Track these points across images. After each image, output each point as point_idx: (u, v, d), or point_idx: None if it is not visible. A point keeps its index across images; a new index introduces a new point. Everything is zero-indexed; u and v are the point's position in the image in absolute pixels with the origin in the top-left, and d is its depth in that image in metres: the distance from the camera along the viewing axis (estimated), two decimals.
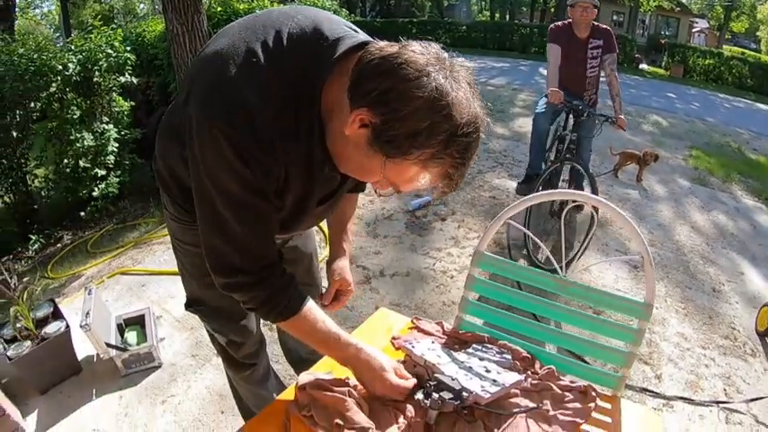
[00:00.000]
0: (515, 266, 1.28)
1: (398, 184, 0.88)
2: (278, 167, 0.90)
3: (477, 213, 3.97)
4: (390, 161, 0.82)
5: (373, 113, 0.79)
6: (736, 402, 2.30)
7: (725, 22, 27.30)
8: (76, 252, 3.69)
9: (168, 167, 1.11)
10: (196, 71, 0.94)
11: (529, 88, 9.51)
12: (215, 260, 0.98)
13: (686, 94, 11.99)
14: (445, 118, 0.77)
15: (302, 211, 1.05)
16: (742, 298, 3.20)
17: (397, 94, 0.76)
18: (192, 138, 0.87)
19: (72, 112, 3.95)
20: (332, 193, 1.10)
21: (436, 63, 0.79)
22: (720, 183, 5.39)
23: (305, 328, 1.05)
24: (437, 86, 0.76)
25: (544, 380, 1.15)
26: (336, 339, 1.06)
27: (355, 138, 0.83)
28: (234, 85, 0.84)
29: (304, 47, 0.88)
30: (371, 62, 0.80)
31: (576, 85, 3.60)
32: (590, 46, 3.49)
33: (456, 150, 0.80)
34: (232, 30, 0.94)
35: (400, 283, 3.01)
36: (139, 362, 2.31)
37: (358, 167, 0.92)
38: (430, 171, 0.84)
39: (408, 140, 0.78)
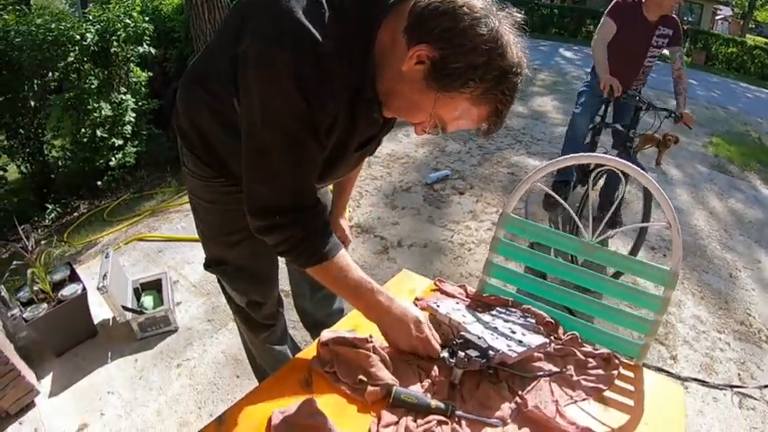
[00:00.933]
0: (541, 229, 1.26)
1: (446, 122, 0.92)
2: (332, 103, 0.92)
3: (496, 189, 3.95)
4: (444, 95, 0.87)
5: (433, 48, 0.83)
6: (750, 388, 2.29)
7: (749, 11, 26.60)
8: (93, 220, 3.72)
9: (190, 119, 1.11)
10: (248, 10, 0.92)
11: (548, 69, 9.37)
12: (254, 200, 0.98)
13: (708, 81, 11.75)
14: (500, 56, 0.83)
15: (341, 156, 1.06)
16: (759, 285, 3.16)
17: (458, 32, 0.82)
18: (248, 72, 0.87)
19: (90, 82, 3.95)
20: (370, 138, 1.11)
21: (491, 10, 0.84)
22: (739, 171, 5.30)
23: (337, 275, 1.03)
24: (494, 27, 0.83)
25: (567, 345, 1.14)
26: (368, 287, 1.05)
27: (411, 73, 0.87)
28: (297, 20, 0.85)
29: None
30: (430, 5, 0.84)
31: (628, 72, 3.11)
32: (657, 33, 3.00)
33: (507, 87, 0.87)
34: None
35: (418, 254, 3.02)
36: (155, 325, 2.32)
37: (408, 105, 0.94)
38: (479, 107, 0.89)
39: (467, 73, 0.83)
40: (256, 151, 0.94)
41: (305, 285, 1.69)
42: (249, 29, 0.89)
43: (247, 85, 0.89)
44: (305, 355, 1.11)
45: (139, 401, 2.01)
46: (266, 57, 0.85)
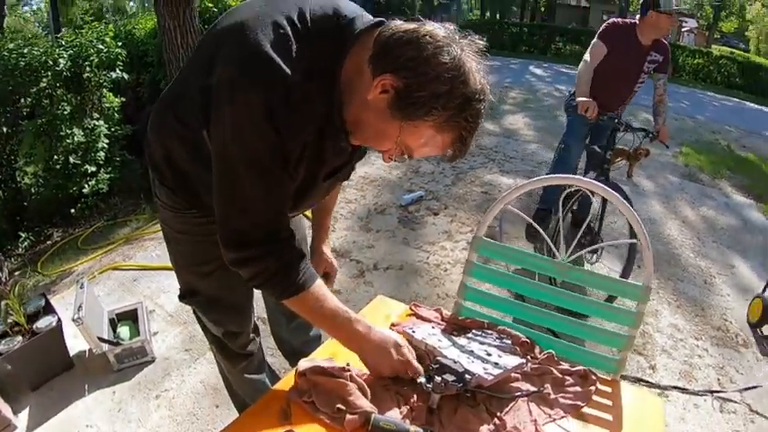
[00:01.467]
0: (514, 251, 1.27)
1: (412, 149, 0.95)
2: (301, 135, 0.94)
3: (470, 208, 3.97)
4: (408, 124, 0.89)
5: (397, 78, 0.85)
6: (730, 392, 2.33)
7: (714, 22, 27.61)
8: (67, 249, 3.65)
9: (163, 149, 1.11)
10: (220, 41, 0.95)
11: (519, 86, 9.56)
12: (227, 232, 0.98)
13: (676, 92, 12.06)
14: (463, 83, 0.86)
15: (311, 184, 1.07)
16: (733, 290, 3.23)
17: (421, 61, 0.84)
18: (221, 103, 0.89)
19: (62, 108, 3.90)
20: (339, 167, 1.12)
21: (453, 38, 0.87)
22: (710, 179, 5.44)
23: (313, 306, 1.04)
24: (456, 56, 0.85)
25: (544, 364, 1.15)
26: (346, 316, 1.05)
27: (376, 102, 0.89)
28: (266, 52, 0.87)
29: (325, 22, 0.93)
30: (394, 35, 0.87)
31: (616, 96, 3.06)
32: (649, 58, 2.94)
33: (470, 114, 0.88)
34: (252, 4, 0.97)
35: (394, 277, 3.01)
36: (132, 356, 2.28)
37: (374, 133, 0.96)
38: (443, 134, 0.90)
39: (429, 102, 0.85)
40: (228, 183, 0.95)
41: (281, 313, 1.68)
42: (220, 61, 0.91)
43: (219, 117, 0.91)
44: (283, 384, 1.10)
45: None
46: (237, 90, 0.87)
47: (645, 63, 2.95)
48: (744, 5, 33.86)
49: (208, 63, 0.93)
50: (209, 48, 0.97)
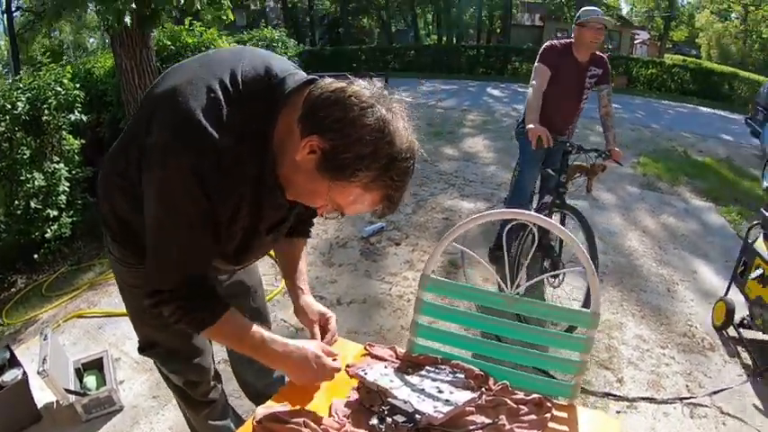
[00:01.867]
0: (463, 287, 1.31)
1: (343, 207, 0.97)
2: (233, 196, 0.97)
3: (431, 236, 4.00)
4: (336, 184, 0.91)
5: (323, 139, 0.87)
6: (700, 397, 2.37)
7: (665, 32, 28.73)
8: (31, 296, 3.57)
9: (111, 207, 1.13)
10: (154, 105, 0.98)
11: (478, 108, 9.80)
12: (150, 282, 1.02)
13: (631, 103, 12.46)
14: (387, 144, 0.87)
15: (252, 240, 1.09)
16: (697, 295, 3.31)
17: (346, 123, 0.86)
18: (152, 166, 0.92)
19: (22, 152, 3.84)
20: (280, 221, 1.14)
21: (379, 97, 0.89)
22: (669, 186, 5.60)
23: (231, 335, 1.09)
24: (381, 117, 0.86)
25: (499, 395, 1.17)
26: (263, 340, 1.09)
27: (305, 163, 0.90)
28: (197, 118, 0.89)
29: (257, 84, 0.96)
30: (322, 95, 0.89)
31: (564, 116, 3.11)
32: (588, 74, 3.00)
33: (396, 174, 0.90)
34: (188, 67, 1.01)
35: (357, 311, 3.01)
36: (100, 406, 2.24)
37: (305, 192, 0.98)
38: (371, 194, 0.92)
39: (354, 164, 0.87)
40: (156, 243, 0.99)
41: (243, 357, 1.67)
42: (152, 127, 0.93)
43: (150, 180, 0.94)
44: (246, 429, 1.10)
45: None
46: (169, 155, 0.90)
47: (586, 79, 3.01)
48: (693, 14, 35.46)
49: (144, 127, 0.96)
50: (146, 110, 1.00)
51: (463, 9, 26.74)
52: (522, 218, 1.24)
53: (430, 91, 13.07)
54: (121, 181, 1.06)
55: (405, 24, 33.96)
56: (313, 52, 21.16)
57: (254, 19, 22.05)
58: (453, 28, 26.64)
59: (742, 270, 2.83)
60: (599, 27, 2.85)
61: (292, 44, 6.44)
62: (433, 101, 11.07)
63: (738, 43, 32.72)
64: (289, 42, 6.33)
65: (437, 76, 17.74)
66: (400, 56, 21.67)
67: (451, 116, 9.13)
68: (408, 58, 21.34)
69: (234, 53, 1.02)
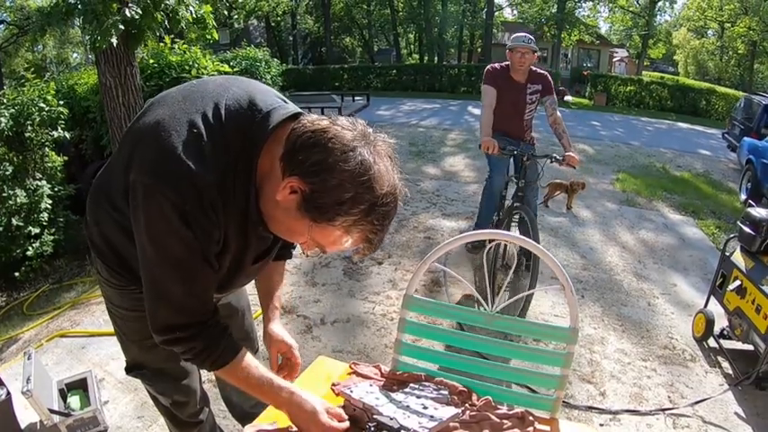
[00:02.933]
0: (445, 306, 1.34)
1: (324, 245, 0.97)
2: (218, 231, 0.96)
3: (413, 254, 4.02)
4: (316, 225, 0.90)
5: (303, 182, 0.86)
6: (682, 407, 2.41)
7: (643, 50, 29.39)
8: (12, 314, 3.52)
9: (100, 232, 1.13)
10: (137, 139, 0.97)
11: (459, 127, 9.89)
12: (155, 321, 1.01)
13: (610, 121, 12.72)
14: (367, 190, 0.86)
15: (238, 270, 1.10)
16: (677, 308, 3.38)
17: (326, 167, 0.85)
18: (137, 204, 0.91)
19: (4, 168, 3.82)
20: (265, 251, 1.15)
21: (362, 139, 0.88)
22: (647, 202, 5.71)
23: (239, 375, 1.07)
24: (362, 161, 0.85)
25: (482, 410, 1.19)
26: (270, 384, 1.08)
27: (286, 202, 0.90)
28: (178, 155, 0.89)
29: (240, 118, 0.95)
30: (303, 135, 0.88)
31: (515, 128, 3.51)
32: (528, 90, 3.40)
33: (376, 218, 0.89)
34: (171, 99, 1.00)
35: (341, 330, 3.00)
36: (84, 427, 2.20)
37: (286, 229, 0.99)
38: (352, 235, 0.92)
39: (334, 208, 0.86)
40: (151, 280, 0.98)
41: None
42: (134, 162, 0.93)
43: (136, 218, 0.93)
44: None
45: None
46: (150, 194, 0.89)
47: (526, 95, 3.40)
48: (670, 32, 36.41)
49: (127, 159, 0.96)
50: (129, 144, 1.00)
51: (445, 29, 27.13)
52: (502, 238, 1.28)
53: (412, 110, 13.18)
54: (116, 214, 1.06)
55: (387, 44, 34.38)
56: (296, 71, 21.30)
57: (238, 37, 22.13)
58: (435, 47, 26.99)
59: (721, 282, 2.91)
60: (524, 51, 3.26)
61: (275, 63, 6.46)
62: (415, 120, 11.18)
63: (715, 59, 33.61)
64: (272, 62, 6.35)
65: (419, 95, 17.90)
66: (382, 75, 21.96)
67: (433, 135, 9.26)
68: (390, 77, 21.62)
69: (218, 85, 1.01)
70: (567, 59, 28.98)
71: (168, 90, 1.07)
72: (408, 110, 13.36)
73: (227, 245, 1.00)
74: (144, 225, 0.92)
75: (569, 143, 3.28)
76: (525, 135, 3.60)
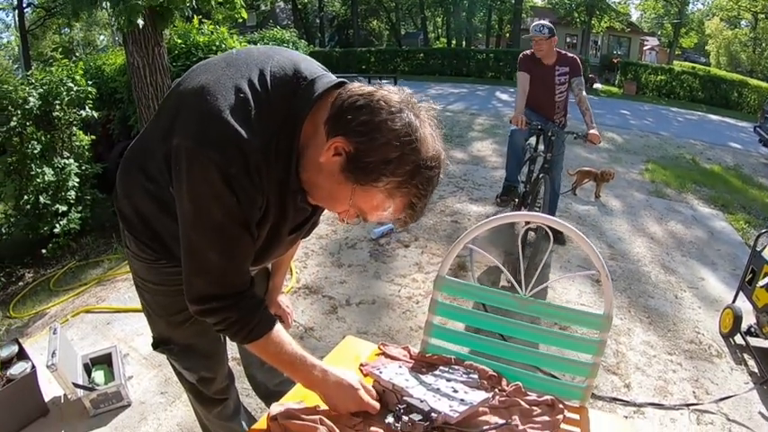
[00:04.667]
0: (477, 288, 1.31)
1: (365, 212, 0.96)
2: (262, 197, 0.95)
3: (440, 238, 4.00)
4: (359, 188, 0.90)
5: (349, 141, 0.86)
6: (706, 403, 2.36)
7: (675, 39, 28.64)
8: (39, 290, 3.59)
9: (132, 204, 1.11)
10: (180, 104, 0.96)
11: (486, 112, 9.76)
12: (191, 290, 1.00)
13: (640, 110, 12.46)
14: (413, 151, 0.86)
15: (275, 241, 1.09)
16: (704, 302, 3.31)
17: (373, 126, 0.85)
18: (180, 168, 0.90)
19: (32, 147, 3.87)
20: (302, 222, 1.14)
21: (408, 103, 0.88)
22: (676, 193, 5.59)
23: (272, 350, 1.06)
24: (409, 122, 0.85)
25: (512, 396, 1.17)
26: (303, 361, 1.07)
27: (329, 165, 0.90)
28: (224, 118, 0.87)
29: (286, 85, 0.94)
30: (350, 98, 0.88)
31: (546, 108, 3.75)
32: (557, 72, 3.64)
33: (420, 181, 0.89)
34: (214, 65, 0.98)
35: (366, 311, 3.00)
36: (108, 401, 2.24)
37: (327, 195, 0.97)
38: (395, 200, 0.91)
39: (379, 168, 0.86)
40: (191, 247, 0.96)
41: (254, 355, 1.68)
42: (178, 126, 0.92)
43: (179, 183, 0.92)
44: (259, 426, 1.10)
45: None
46: (195, 158, 0.88)
47: (555, 76, 3.65)
48: (702, 21, 35.36)
49: (169, 125, 0.94)
50: (170, 109, 0.98)
51: (473, 13, 26.77)
52: (537, 221, 1.24)
53: (439, 94, 13.09)
54: (149, 184, 1.05)
55: (414, 27, 34.08)
56: (323, 53, 21.19)
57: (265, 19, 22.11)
58: (463, 32, 26.67)
59: (750, 278, 2.83)
60: (537, 40, 3.56)
61: (303, 44, 6.43)
62: (442, 104, 11.09)
63: (748, 51, 32.60)
64: (300, 43, 6.31)
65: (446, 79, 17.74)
66: (409, 59, 21.69)
67: (460, 120, 9.15)
68: (417, 61, 21.36)
69: (262, 53, 1.00)
70: (597, 46, 28.33)
71: (210, 58, 1.06)
72: (435, 94, 13.24)
73: (267, 214, 0.99)
74: (186, 189, 0.91)
75: (592, 121, 3.50)
76: (555, 116, 3.79)
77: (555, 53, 3.63)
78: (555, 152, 3.54)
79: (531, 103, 3.68)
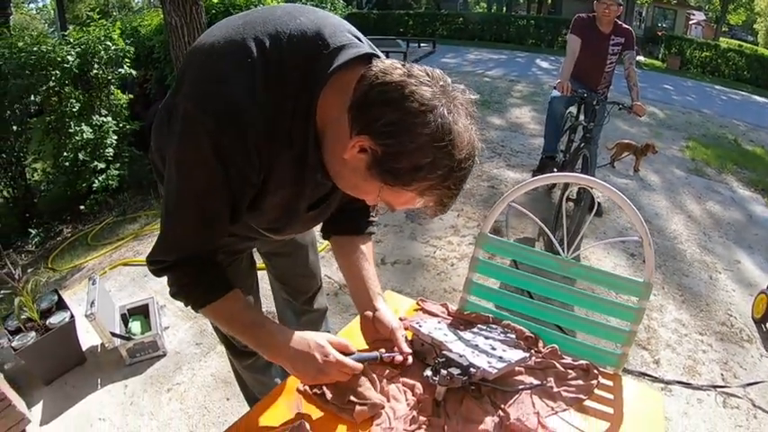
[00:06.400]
0: (518, 247, 1.30)
1: (393, 206, 0.90)
2: (257, 174, 0.88)
3: (476, 203, 3.99)
4: (387, 187, 0.83)
5: (376, 143, 0.78)
6: (734, 387, 2.34)
7: (722, 15, 27.24)
8: (77, 245, 3.70)
9: (162, 157, 1.09)
10: (189, 62, 0.91)
11: (525, 79, 9.50)
12: (154, 249, 0.97)
13: (683, 85, 12.01)
14: (447, 155, 0.77)
15: (292, 217, 1.05)
16: (738, 286, 3.24)
17: (402, 128, 0.76)
18: (174, 128, 0.85)
19: (71, 106, 3.95)
20: (324, 197, 1.07)
21: (441, 96, 0.78)
22: (716, 173, 5.42)
23: (225, 315, 1.01)
24: (442, 124, 0.76)
25: (547, 358, 1.17)
26: (261, 326, 1.01)
27: (354, 161, 0.82)
28: (226, 84, 0.81)
29: (303, 51, 0.85)
30: (375, 87, 0.78)
31: (593, 77, 3.64)
32: (611, 42, 3.52)
33: (453, 183, 0.82)
34: (230, 23, 0.91)
35: (401, 271, 3.04)
36: (144, 351, 2.32)
37: (353, 187, 0.91)
38: (425, 198, 0.84)
39: (410, 174, 0.78)
40: (166, 210, 0.94)
41: (290, 310, 1.71)
42: (184, 85, 0.87)
43: (170, 142, 0.88)
44: (293, 380, 1.11)
45: (131, 427, 2.00)
46: (189, 121, 0.82)
47: (609, 46, 3.52)
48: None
49: (178, 82, 0.91)
50: (183, 66, 0.93)
51: None
52: (582, 182, 1.22)
53: (477, 59, 12.82)
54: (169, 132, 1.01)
55: None
56: (360, 15, 20.75)
57: None
58: None
59: None
60: (609, 3, 3.39)
61: (341, 5, 6.29)
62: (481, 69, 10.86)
63: None
64: (338, 3, 6.20)
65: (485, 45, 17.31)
66: (448, 23, 20.97)
67: (499, 86, 8.92)
68: (456, 26, 20.67)
69: (286, 12, 0.90)
70: (642, 18, 27.18)
71: (232, 15, 0.99)
72: (474, 59, 12.92)
73: (267, 189, 0.93)
74: (175, 151, 0.87)
75: (638, 96, 3.41)
76: (599, 88, 3.69)
77: (613, 21, 3.49)
78: (597, 121, 3.46)
79: (577, 72, 3.56)
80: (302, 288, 1.66)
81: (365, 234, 1.24)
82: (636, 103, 3.30)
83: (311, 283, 1.67)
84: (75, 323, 2.23)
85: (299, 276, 1.63)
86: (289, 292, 1.66)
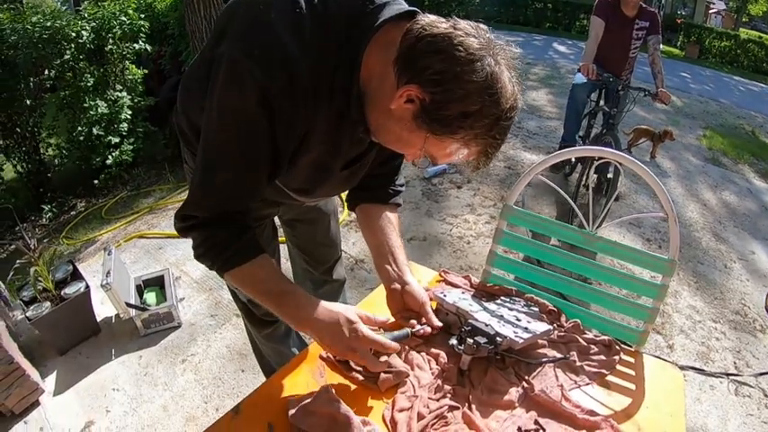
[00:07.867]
0: (543, 220, 1.29)
1: (437, 158, 0.89)
2: (302, 125, 0.88)
3: (493, 182, 3.98)
4: (433, 137, 0.83)
5: (424, 91, 0.79)
6: (746, 375, 2.35)
7: (742, 5, 26.69)
8: (91, 219, 3.73)
9: (188, 119, 1.10)
10: (232, 12, 0.89)
11: (542, 63, 9.38)
12: (185, 204, 0.95)
13: (701, 74, 11.82)
14: (494, 103, 0.78)
15: (326, 176, 1.03)
16: (753, 276, 3.22)
17: (451, 76, 0.76)
18: (217, 78, 0.83)
19: (85, 80, 3.94)
20: (359, 156, 1.06)
21: (488, 47, 0.79)
22: (732, 163, 5.36)
23: (255, 281, 0.97)
24: (489, 72, 0.77)
25: (570, 332, 1.17)
26: (291, 294, 0.97)
27: (400, 111, 0.83)
28: (275, 30, 0.80)
29: (348, 6, 0.86)
30: (423, 38, 0.78)
31: (616, 63, 3.52)
32: (636, 26, 3.39)
33: (498, 132, 0.82)
34: None
35: (417, 248, 3.04)
36: (159, 322, 2.33)
37: (397, 139, 0.90)
38: (470, 148, 0.85)
39: (457, 121, 0.79)
40: (203, 165, 0.92)
41: (308, 280, 1.71)
42: (229, 35, 0.86)
43: (211, 93, 0.86)
44: (315, 347, 1.11)
45: (145, 398, 2.03)
46: (235, 68, 0.81)
47: (633, 30, 3.40)
48: None
49: (219, 35, 0.88)
50: (223, 19, 0.92)
51: None
52: (609, 156, 1.20)
53: None
54: (201, 97, 0.95)
55: None
56: None
57: None
58: None
59: None
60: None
61: None
62: None
63: None
64: None
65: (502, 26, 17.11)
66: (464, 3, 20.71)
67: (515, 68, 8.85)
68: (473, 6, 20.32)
69: None
70: (661, 4, 26.63)
71: None
72: None
73: (309, 143, 0.92)
74: (217, 101, 0.84)
75: (662, 84, 3.29)
76: (623, 74, 3.57)
77: (638, 5, 3.35)
78: (621, 107, 3.37)
79: (600, 57, 3.43)
80: (322, 257, 1.67)
81: (391, 204, 1.25)
82: (661, 89, 3.20)
83: (331, 252, 1.67)
84: (90, 294, 2.25)
85: (319, 245, 1.63)
86: (308, 262, 1.66)
